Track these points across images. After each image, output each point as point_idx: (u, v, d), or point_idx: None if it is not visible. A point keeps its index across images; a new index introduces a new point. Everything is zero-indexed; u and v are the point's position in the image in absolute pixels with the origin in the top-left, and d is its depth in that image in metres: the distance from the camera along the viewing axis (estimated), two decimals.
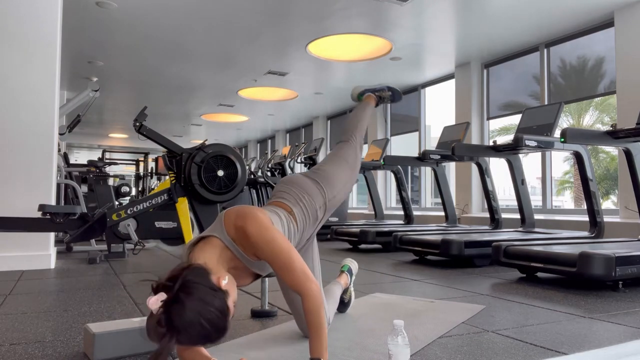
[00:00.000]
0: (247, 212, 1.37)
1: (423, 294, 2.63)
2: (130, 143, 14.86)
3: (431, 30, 5.59)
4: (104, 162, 6.13)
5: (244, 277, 1.45)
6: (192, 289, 1.13)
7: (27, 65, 3.70)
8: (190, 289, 1.13)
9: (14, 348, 1.63)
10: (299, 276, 1.31)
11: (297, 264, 1.32)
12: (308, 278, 1.32)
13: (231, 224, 1.36)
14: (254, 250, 1.35)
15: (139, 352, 1.55)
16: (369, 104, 2.17)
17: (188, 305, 1.11)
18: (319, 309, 1.28)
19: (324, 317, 1.29)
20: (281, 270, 1.32)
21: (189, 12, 5.14)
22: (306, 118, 10.96)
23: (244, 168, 3.99)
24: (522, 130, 4.08)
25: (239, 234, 1.34)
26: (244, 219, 1.35)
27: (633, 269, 2.64)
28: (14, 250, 3.60)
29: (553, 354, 1.56)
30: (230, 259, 1.36)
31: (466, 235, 4.00)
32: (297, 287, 1.31)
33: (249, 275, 1.46)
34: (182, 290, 1.13)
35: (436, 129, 8.23)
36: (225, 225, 1.36)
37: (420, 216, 7.05)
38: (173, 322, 1.10)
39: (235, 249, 1.36)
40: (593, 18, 5.21)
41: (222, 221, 1.38)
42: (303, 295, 1.30)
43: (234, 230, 1.35)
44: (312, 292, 1.30)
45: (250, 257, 1.38)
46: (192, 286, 1.14)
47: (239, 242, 1.35)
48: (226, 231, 1.36)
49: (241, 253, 1.37)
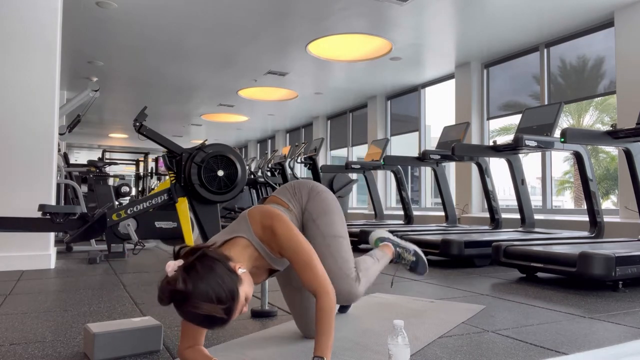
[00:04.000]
0: (273, 213, 1.40)
1: (423, 294, 2.63)
2: (130, 143, 14.86)
3: (431, 30, 5.59)
4: (104, 162, 6.13)
5: (261, 275, 1.50)
6: (209, 262, 1.19)
7: (27, 65, 3.70)
8: (207, 261, 1.19)
9: (14, 348, 1.63)
10: (318, 276, 1.34)
11: (317, 263, 1.36)
12: (326, 279, 1.36)
13: (257, 224, 1.40)
14: (279, 249, 1.39)
15: (139, 352, 1.55)
16: (386, 255, 1.93)
17: (201, 273, 1.15)
18: (331, 310, 1.31)
19: (334, 319, 1.32)
20: (301, 268, 1.35)
21: (189, 12, 5.14)
22: (306, 118, 10.96)
23: (244, 168, 3.99)
24: (522, 130, 4.08)
25: (267, 233, 1.38)
26: (271, 219, 1.39)
27: (633, 269, 2.64)
28: (14, 250, 3.60)
29: (553, 354, 1.56)
30: (254, 258, 1.40)
31: (466, 235, 4.00)
32: (315, 286, 1.34)
33: (265, 272, 1.51)
34: (200, 260, 1.18)
35: (436, 129, 8.24)
36: (252, 225, 1.40)
37: (420, 216, 7.05)
38: (183, 286, 1.14)
39: (261, 248, 1.40)
40: (593, 18, 5.21)
41: (247, 221, 1.41)
42: (319, 294, 1.33)
43: (261, 230, 1.39)
44: (329, 292, 1.33)
45: (275, 255, 1.42)
46: (210, 260, 1.19)
47: (266, 241, 1.40)
48: (253, 231, 1.39)
49: (267, 251, 1.41)
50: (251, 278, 1.30)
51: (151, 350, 1.57)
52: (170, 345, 1.66)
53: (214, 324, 1.18)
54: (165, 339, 1.73)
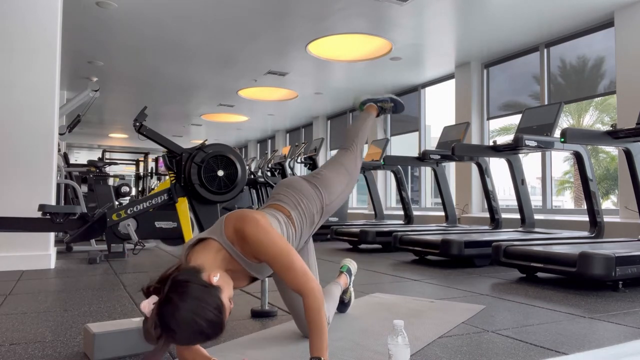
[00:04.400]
0: (246, 215, 1.37)
1: (423, 294, 2.63)
2: (130, 143, 14.86)
3: (431, 30, 5.59)
4: (104, 162, 6.13)
5: (240, 279, 1.45)
6: (182, 287, 1.14)
7: (27, 65, 3.70)
8: (180, 287, 1.14)
9: (14, 348, 1.63)
10: (299, 276, 1.32)
11: (297, 264, 1.33)
12: (309, 278, 1.33)
13: (230, 227, 1.36)
14: (253, 253, 1.36)
15: (138, 352, 1.55)
16: (370, 114, 2.15)
17: (180, 305, 1.11)
18: (319, 308, 1.29)
19: (325, 317, 1.30)
20: (282, 271, 1.33)
21: (189, 12, 5.14)
22: (306, 118, 10.96)
23: (244, 168, 3.99)
24: (522, 130, 4.07)
25: (238, 237, 1.35)
26: (242, 222, 1.35)
27: (633, 269, 2.64)
28: (14, 250, 3.60)
29: (553, 354, 1.56)
30: (228, 261, 1.37)
31: (466, 235, 4.00)
32: (298, 287, 1.32)
33: (245, 277, 1.46)
34: (173, 291, 1.13)
35: (436, 129, 8.23)
36: (225, 228, 1.37)
37: (420, 216, 7.05)
38: (167, 323, 1.10)
39: (233, 252, 1.36)
40: (593, 18, 5.21)
41: (222, 224, 1.39)
42: (304, 294, 1.31)
43: (233, 233, 1.35)
44: (313, 291, 1.30)
45: (250, 260, 1.38)
46: (183, 285, 1.15)
47: (238, 245, 1.36)
48: (225, 234, 1.36)
49: (240, 255, 1.37)
50: (227, 278, 1.29)
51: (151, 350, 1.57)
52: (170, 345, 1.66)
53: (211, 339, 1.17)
54: None
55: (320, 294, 1.32)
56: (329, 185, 1.76)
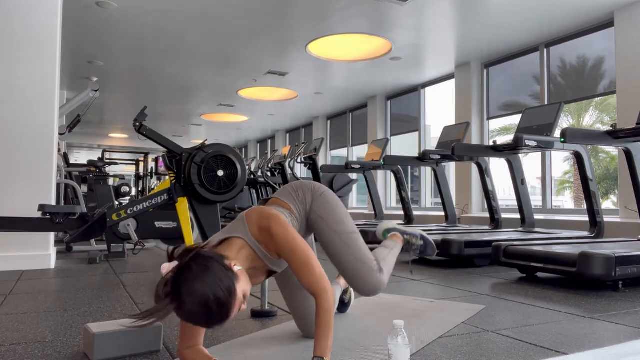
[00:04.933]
0: (269, 213, 1.40)
1: (423, 294, 2.63)
2: (130, 143, 14.86)
3: (431, 30, 5.59)
4: (104, 162, 6.13)
5: (259, 275, 1.49)
6: (204, 260, 1.19)
7: (27, 65, 3.70)
8: (202, 260, 1.19)
9: (14, 348, 1.63)
10: (316, 275, 1.34)
11: (315, 262, 1.36)
12: (324, 278, 1.35)
13: (254, 225, 1.39)
14: (276, 249, 1.39)
15: (139, 352, 1.55)
16: (397, 244, 1.95)
17: (197, 274, 1.15)
18: (330, 309, 1.31)
19: (333, 318, 1.32)
20: (299, 269, 1.35)
21: (189, 12, 5.14)
22: (306, 118, 10.96)
23: (244, 168, 3.99)
24: (522, 130, 4.08)
25: (263, 234, 1.38)
26: (268, 220, 1.38)
27: (633, 269, 2.64)
28: (14, 250, 3.60)
29: (553, 354, 1.56)
30: (252, 259, 1.40)
31: (466, 235, 4.00)
32: (313, 286, 1.34)
33: (264, 273, 1.50)
34: (194, 260, 1.18)
35: (436, 129, 8.23)
36: (249, 225, 1.40)
37: (420, 216, 7.05)
38: (179, 287, 1.14)
39: (258, 249, 1.40)
40: (593, 18, 5.21)
41: (244, 222, 1.41)
42: (318, 294, 1.33)
43: (257, 231, 1.39)
44: (326, 291, 1.33)
45: (272, 256, 1.42)
46: (205, 259, 1.19)
47: (263, 242, 1.39)
48: (250, 231, 1.39)
49: (264, 252, 1.40)
50: (247, 276, 1.30)
51: (151, 350, 1.57)
52: (170, 345, 1.66)
53: (213, 322, 1.18)
54: (165, 339, 1.73)
55: (333, 295, 1.34)
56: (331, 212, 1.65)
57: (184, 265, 1.17)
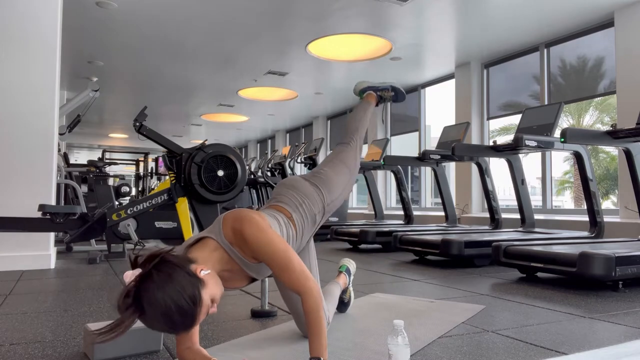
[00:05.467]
0: (244, 216, 1.36)
1: (423, 294, 2.63)
2: (130, 143, 14.86)
3: (431, 30, 5.59)
4: (104, 162, 6.13)
5: (238, 279, 1.44)
6: (167, 268, 1.15)
7: (27, 65, 3.70)
8: (165, 267, 1.15)
9: (14, 348, 1.63)
10: (297, 276, 1.31)
11: (295, 264, 1.32)
12: (307, 278, 1.32)
13: (229, 227, 1.35)
14: (252, 253, 1.35)
15: (139, 352, 1.55)
16: (370, 104, 2.11)
17: (158, 283, 1.12)
18: (318, 309, 1.28)
19: (324, 317, 1.30)
20: (280, 272, 1.32)
21: (189, 12, 5.14)
22: (306, 118, 10.96)
23: (244, 168, 3.99)
24: (522, 130, 4.07)
25: (237, 237, 1.34)
26: (241, 222, 1.34)
27: (633, 269, 2.64)
28: (14, 250, 3.60)
29: (553, 354, 1.56)
30: (226, 261, 1.36)
31: (466, 235, 4.00)
32: (296, 287, 1.31)
33: (244, 278, 1.45)
34: (157, 268, 1.14)
35: (436, 129, 8.23)
36: (224, 228, 1.36)
37: (420, 216, 7.05)
38: (140, 297, 1.11)
39: (232, 252, 1.36)
40: (593, 18, 5.21)
41: (220, 224, 1.38)
42: (302, 294, 1.30)
43: (231, 233, 1.34)
44: (311, 291, 1.30)
45: (249, 260, 1.38)
46: (168, 265, 1.16)
47: (237, 245, 1.35)
48: (224, 234, 1.35)
49: (238, 255, 1.36)
50: (218, 279, 1.27)
51: (151, 350, 1.57)
52: (170, 345, 1.66)
53: (177, 330, 1.16)
54: (165, 339, 1.73)
55: (319, 294, 1.31)
56: (330, 184, 1.75)
57: (146, 273, 1.13)
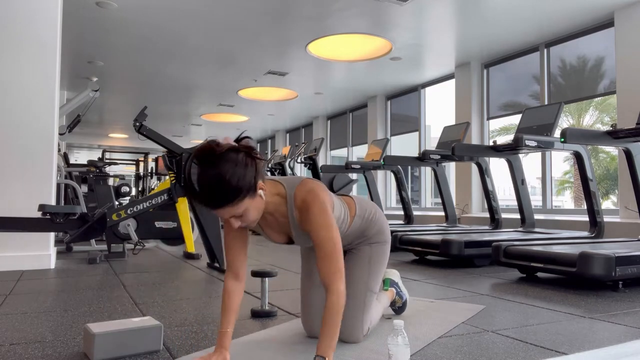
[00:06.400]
0: (318, 193, 1.40)
1: (423, 294, 2.63)
2: (130, 143, 14.86)
3: (431, 30, 5.59)
4: (104, 162, 6.13)
5: (278, 232, 1.53)
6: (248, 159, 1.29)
7: (27, 65, 3.70)
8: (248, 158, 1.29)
9: (14, 348, 1.63)
10: (334, 271, 1.34)
11: (339, 258, 1.36)
12: (341, 278, 1.34)
13: (302, 192, 1.41)
14: (307, 225, 1.40)
15: (139, 352, 1.55)
16: (388, 301, 1.98)
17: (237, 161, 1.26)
18: (339, 309, 1.30)
19: (340, 319, 1.31)
20: (322, 257, 1.36)
21: (189, 12, 5.14)
22: (306, 118, 10.96)
23: None
24: (522, 130, 4.08)
25: (303, 205, 1.40)
26: (313, 197, 1.39)
27: (633, 269, 2.64)
28: (14, 250, 3.60)
29: (553, 354, 1.56)
30: (281, 212, 1.44)
31: (466, 235, 4.00)
32: (329, 279, 1.33)
33: (284, 234, 1.53)
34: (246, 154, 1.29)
35: (436, 129, 8.25)
36: (297, 190, 1.42)
37: (420, 216, 7.05)
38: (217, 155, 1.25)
39: (291, 210, 1.43)
40: (593, 18, 5.21)
41: (296, 185, 1.44)
42: (329, 291, 1.32)
43: (300, 199, 1.41)
44: (339, 292, 1.32)
45: (300, 226, 1.44)
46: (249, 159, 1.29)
47: (298, 209, 1.42)
48: (295, 194, 1.42)
49: (294, 217, 1.43)
50: (262, 208, 1.36)
51: (151, 350, 1.57)
52: (170, 345, 1.66)
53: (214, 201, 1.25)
54: (165, 339, 1.73)
55: (343, 299, 1.33)
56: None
57: (235, 148, 1.27)
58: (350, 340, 1.64)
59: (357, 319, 1.63)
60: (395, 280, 2.07)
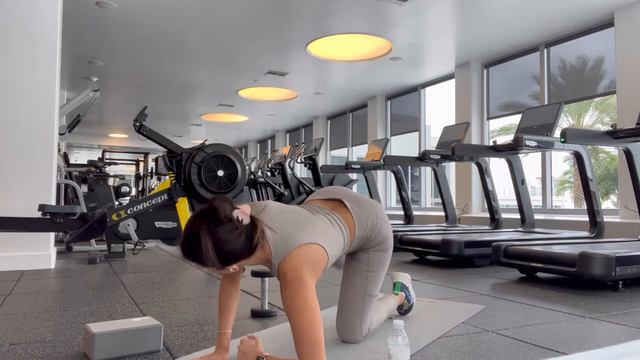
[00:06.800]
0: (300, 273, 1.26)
1: (423, 294, 2.63)
2: (130, 143, 14.86)
3: (431, 30, 5.59)
4: (104, 162, 6.13)
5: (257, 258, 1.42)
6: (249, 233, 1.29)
7: (27, 65, 3.70)
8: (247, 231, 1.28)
9: (14, 348, 1.63)
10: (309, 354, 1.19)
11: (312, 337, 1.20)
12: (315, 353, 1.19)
13: (284, 268, 1.28)
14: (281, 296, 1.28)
15: (139, 352, 1.55)
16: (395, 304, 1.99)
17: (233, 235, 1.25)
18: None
19: None
20: (295, 337, 1.22)
21: (189, 12, 5.14)
22: (306, 118, 10.96)
23: (244, 168, 3.99)
24: (522, 130, 4.08)
25: (282, 280, 1.28)
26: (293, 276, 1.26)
27: (633, 269, 2.64)
28: (14, 250, 3.60)
29: (553, 354, 1.56)
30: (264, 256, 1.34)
31: (466, 235, 4.00)
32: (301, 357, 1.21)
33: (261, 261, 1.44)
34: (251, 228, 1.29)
35: (436, 129, 8.24)
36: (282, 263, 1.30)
37: (420, 216, 7.05)
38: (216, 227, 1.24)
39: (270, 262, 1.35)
40: (593, 18, 5.21)
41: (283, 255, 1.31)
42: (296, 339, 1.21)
43: (281, 274, 1.29)
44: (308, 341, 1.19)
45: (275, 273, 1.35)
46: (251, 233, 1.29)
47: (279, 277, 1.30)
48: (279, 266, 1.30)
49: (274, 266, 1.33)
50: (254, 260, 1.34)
51: (151, 350, 1.57)
52: (170, 345, 1.66)
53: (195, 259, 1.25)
54: (165, 339, 1.73)
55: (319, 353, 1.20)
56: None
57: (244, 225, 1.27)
58: (350, 341, 1.65)
59: (355, 321, 1.64)
60: (406, 285, 2.07)
